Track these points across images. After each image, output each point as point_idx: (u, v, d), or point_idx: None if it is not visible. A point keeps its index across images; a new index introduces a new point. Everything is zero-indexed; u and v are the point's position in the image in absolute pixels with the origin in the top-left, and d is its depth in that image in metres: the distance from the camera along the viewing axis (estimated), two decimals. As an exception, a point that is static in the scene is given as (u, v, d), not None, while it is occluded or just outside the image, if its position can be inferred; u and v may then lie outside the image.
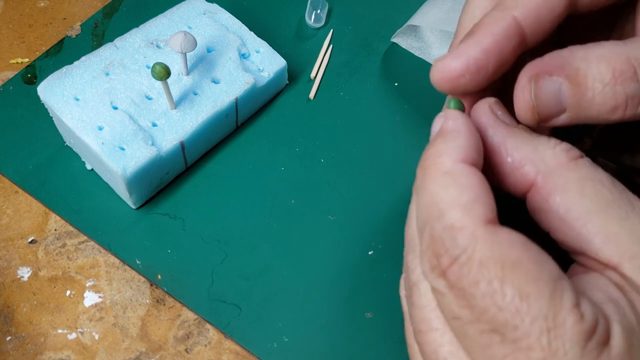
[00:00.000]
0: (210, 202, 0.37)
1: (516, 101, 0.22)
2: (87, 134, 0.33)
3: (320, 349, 0.32)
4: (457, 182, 0.19)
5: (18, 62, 0.43)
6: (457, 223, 0.18)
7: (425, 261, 0.19)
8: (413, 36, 0.45)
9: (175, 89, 0.36)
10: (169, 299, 0.34)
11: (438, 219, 0.19)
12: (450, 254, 0.18)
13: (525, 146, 0.21)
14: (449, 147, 0.20)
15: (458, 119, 0.21)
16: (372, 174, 0.39)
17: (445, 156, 0.20)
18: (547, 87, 0.21)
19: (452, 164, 0.20)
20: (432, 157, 0.20)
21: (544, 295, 0.17)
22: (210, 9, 0.40)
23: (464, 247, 0.18)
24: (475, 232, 0.18)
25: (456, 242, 0.18)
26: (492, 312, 0.17)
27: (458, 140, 0.20)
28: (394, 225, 0.36)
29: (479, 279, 0.18)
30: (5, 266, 0.35)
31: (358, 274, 0.35)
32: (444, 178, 0.19)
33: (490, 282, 0.17)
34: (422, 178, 0.20)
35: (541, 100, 0.22)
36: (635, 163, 0.44)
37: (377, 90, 0.43)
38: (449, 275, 0.18)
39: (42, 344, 0.32)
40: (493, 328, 0.17)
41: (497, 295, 0.17)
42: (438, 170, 0.20)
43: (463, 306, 0.18)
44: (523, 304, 0.17)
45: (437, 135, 0.21)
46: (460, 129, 0.21)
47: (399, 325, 0.33)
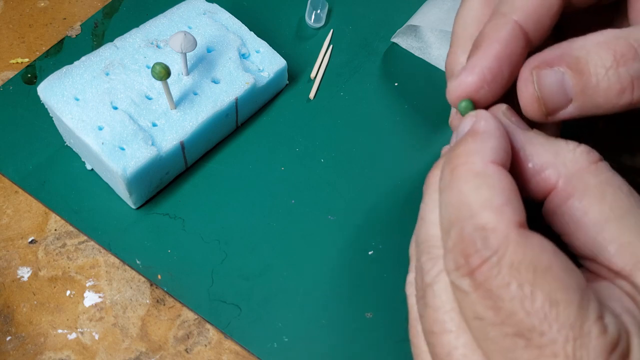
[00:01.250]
0: (210, 202, 0.37)
1: (521, 96, 0.22)
2: (87, 134, 0.33)
3: (320, 349, 0.32)
4: (489, 183, 0.19)
5: (18, 62, 0.43)
6: (489, 224, 0.18)
7: (450, 260, 0.19)
8: (413, 36, 0.45)
9: (175, 89, 0.36)
10: (169, 299, 0.34)
11: (469, 219, 0.19)
12: (481, 254, 0.18)
13: (545, 151, 0.21)
14: (481, 148, 0.20)
15: (490, 120, 0.21)
16: (372, 174, 0.39)
17: (477, 156, 0.20)
18: (550, 77, 0.21)
19: (483, 165, 0.20)
20: (462, 156, 0.20)
21: (573, 304, 0.17)
22: (210, 9, 0.40)
23: (495, 248, 0.18)
24: (508, 235, 0.18)
25: (488, 243, 0.18)
26: (520, 316, 0.17)
27: (490, 141, 0.20)
28: (394, 225, 0.36)
29: (509, 282, 0.17)
30: (5, 266, 0.35)
31: (358, 274, 0.35)
32: (476, 179, 0.19)
33: (520, 285, 0.17)
34: (451, 177, 0.20)
35: (545, 91, 0.22)
36: (635, 163, 0.44)
37: (377, 90, 0.43)
38: (477, 276, 0.18)
39: (42, 344, 0.32)
40: (518, 332, 0.17)
41: (526, 299, 0.17)
42: (469, 171, 0.20)
43: (488, 307, 0.18)
44: (552, 311, 0.17)
45: (467, 135, 0.21)
46: (493, 130, 0.21)
47: (399, 325, 0.33)
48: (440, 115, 0.41)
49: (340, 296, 0.34)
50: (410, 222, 0.36)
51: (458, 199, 0.19)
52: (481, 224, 0.18)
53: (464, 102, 0.23)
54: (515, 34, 0.22)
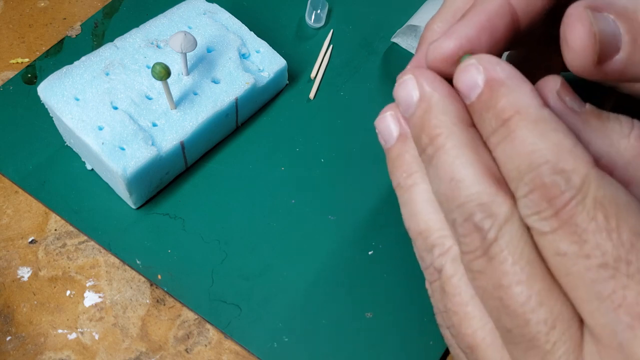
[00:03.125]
0: (210, 202, 0.37)
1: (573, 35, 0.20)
2: (87, 134, 0.33)
3: (320, 349, 0.32)
4: (554, 127, 0.19)
5: (18, 62, 0.43)
6: (567, 166, 0.18)
7: (528, 206, 0.19)
8: (413, 36, 0.45)
9: (175, 89, 0.36)
10: (169, 299, 0.34)
11: (545, 164, 0.19)
12: (566, 194, 0.18)
13: (599, 138, 0.21)
14: (523, 95, 0.19)
15: (503, 64, 0.20)
16: (372, 174, 0.39)
17: (527, 104, 0.19)
18: (602, 18, 0.20)
19: (538, 111, 0.19)
20: (509, 107, 0.19)
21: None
22: (210, 9, 0.40)
23: (579, 186, 0.18)
24: (588, 173, 0.18)
25: (571, 183, 0.18)
26: (606, 247, 0.17)
27: (525, 85, 0.20)
28: (394, 225, 0.36)
29: (595, 215, 0.18)
30: (5, 266, 0.35)
31: (358, 274, 0.35)
32: (538, 125, 0.19)
33: (606, 217, 0.18)
34: (508, 130, 0.19)
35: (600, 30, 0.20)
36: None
37: (377, 90, 0.43)
38: (562, 214, 0.18)
39: (42, 344, 0.32)
40: (604, 263, 0.18)
41: (613, 231, 0.17)
42: (526, 119, 0.19)
43: (573, 242, 0.18)
44: (637, 241, 0.17)
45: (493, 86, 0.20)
46: (515, 73, 0.20)
47: (399, 325, 0.33)
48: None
49: (340, 296, 0.34)
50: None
51: (525, 148, 0.19)
52: (560, 167, 0.18)
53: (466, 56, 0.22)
54: (501, 9, 0.22)
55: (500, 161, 0.20)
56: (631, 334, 0.17)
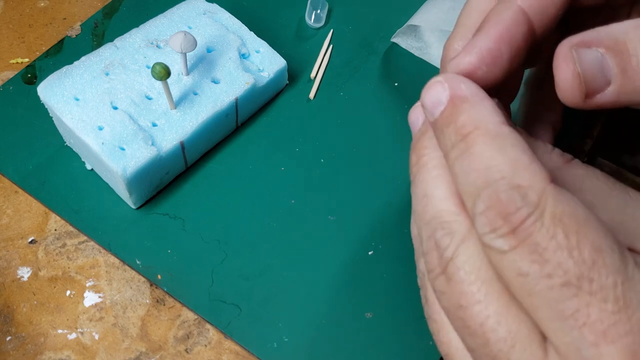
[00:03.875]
0: (210, 202, 0.37)
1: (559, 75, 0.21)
2: (87, 134, 0.33)
3: (320, 349, 0.32)
4: (511, 143, 0.19)
5: (18, 62, 0.43)
6: (524, 182, 0.18)
7: (484, 224, 0.19)
8: (413, 36, 0.45)
9: (175, 89, 0.36)
10: (169, 299, 0.34)
11: (501, 180, 0.19)
12: (522, 211, 0.18)
13: None
14: (484, 111, 0.20)
15: (467, 82, 0.20)
16: (372, 174, 0.39)
17: (486, 120, 0.20)
18: (590, 56, 0.20)
19: (497, 127, 0.19)
20: (469, 123, 0.20)
21: (615, 250, 0.17)
22: (210, 9, 0.40)
23: (536, 203, 0.18)
24: (545, 189, 0.18)
25: (527, 199, 0.18)
26: (568, 265, 0.17)
27: (486, 102, 0.20)
28: (394, 225, 0.36)
29: (555, 233, 0.18)
30: (5, 266, 0.35)
31: (358, 274, 0.35)
32: (496, 141, 0.19)
33: (566, 235, 0.17)
34: (466, 146, 0.20)
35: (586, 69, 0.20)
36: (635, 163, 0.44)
37: (377, 90, 0.43)
38: (520, 232, 0.18)
39: (42, 344, 0.32)
40: (566, 281, 0.17)
41: (573, 248, 0.17)
42: (485, 135, 0.19)
43: (534, 261, 0.18)
44: (599, 258, 0.17)
45: (457, 102, 0.20)
46: (478, 91, 0.20)
47: (399, 325, 0.33)
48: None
49: (340, 296, 0.34)
50: (410, 222, 0.36)
51: (481, 164, 0.19)
52: (516, 183, 0.18)
53: None
54: (517, 18, 0.22)
55: (457, 178, 0.20)
56: (596, 351, 0.17)
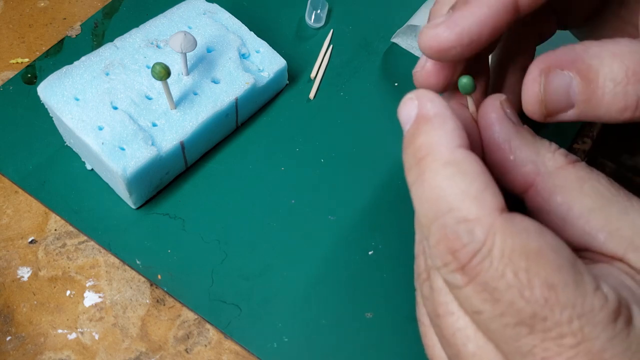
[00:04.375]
0: (210, 202, 0.37)
1: (525, 94, 0.22)
2: (87, 134, 0.33)
3: (320, 349, 0.32)
4: (461, 171, 0.18)
5: (18, 62, 0.43)
6: (471, 215, 0.18)
7: (436, 258, 0.18)
8: (413, 36, 0.45)
9: (175, 89, 0.36)
10: (169, 299, 0.34)
11: (448, 213, 0.18)
12: (469, 248, 0.17)
13: (528, 147, 0.22)
14: (441, 134, 0.19)
15: (435, 100, 0.20)
16: (372, 174, 0.39)
17: (440, 144, 0.19)
18: (558, 81, 0.21)
19: (450, 152, 0.19)
20: (425, 146, 0.19)
21: (569, 283, 0.17)
22: (210, 9, 0.40)
23: (482, 240, 0.17)
24: (493, 223, 0.17)
25: (474, 236, 0.17)
26: (519, 305, 0.17)
27: (447, 124, 0.19)
28: (394, 225, 0.36)
29: (503, 272, 0.17)
30: (5, 266, 0.35)
31: (358, 274, 0.35)
32: (446, 169, 0.18)
33: (516, 274, 0.17)
34: (419, 171, 0.19)
35: (550, 94, 0.21)
36: (635, 163, 0.44)
37: (377, 90, 0.43)
38: (468, 270, 0.18)
39: (42, 344, 0.32)
40: (520, 321, 0.17)
41: (524, 287, 0.17)
42: (436, 161, 0.19)
43: (485, 300, 0.17)
44: (551, 295, 0.17)
45: (419, 122, 0.20)
46: (444, 111, 0.20)
47: (399, 325, 0.33)
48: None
49: (340, 296, 0.34)
50: (410, 222, 0.36)
51: (431, 193, 0.19)
52: (463, 216, 0.18)
53: (465, 78, 0.23)
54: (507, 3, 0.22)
55: (413, 204, 0.20)
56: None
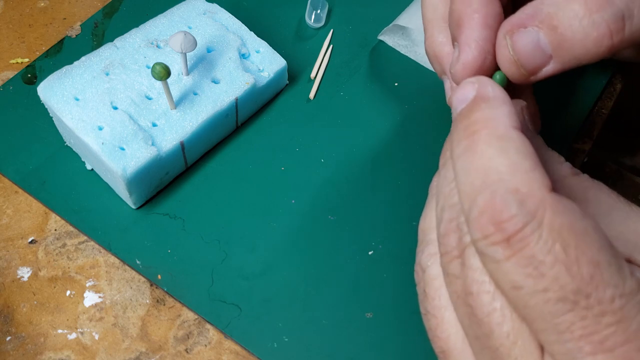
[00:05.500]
0: (210, 202, 0.37)
1: (499, 60, 0.23)
2: (87, 134, 0.33)
3: (320, 349, 0.32)
4: (515, 147, 0.18)
5: (18, 62, 0.43)
6: (523, 188, 0.18)
7: (477, 229, 0.18)
8: (400, 34, 0.45)
9: (175, 89, 0.36)
10: (169, 299, 0.34)
11: (500, 182, 0.18)
12: (518, 219, 0.17)
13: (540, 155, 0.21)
14: (499, 113, 0.20)
15: (496, 86, 0.21)
16: (372, 174, 0.39)
17: (497, 121, 0.19)
18: (524, 38, 0.22)
19: (507, 129, 0.19)
20: (482, 121, 0.20)
21: (612, 263, 0.17)
22: (210, 9, 0.40)
23: (533, 212, 0.17)
24: (544, 198, 0.17)
25: (525, 208, 0.17)
26: (565, 281, 0.17)
27: (506, 105, 0.20)
28: (394, 225, 0.36)
29: (552, 246, 0.17)
30: (5, 266, 0.35)
31: (358, 274, 0.35)
32: (501, 142, 0.19)
33: (565, 249, 0.17)
34: (472, 143, 0.19)
35: (521, 53, 0.22)
36: (635, 163, 0.44)
37: (377, 90, 0.43)
38: (515, 242, 0.17)
39: (42, 344, 0.32)
40: (562, 296, 0.17)
41: (572, 263, 0.17)
42: (491, 134, 0.19)
43: (528, 275, 0.17)
44: (597, 272, 0.17)
45: (478, 100, 0.20)
46: (503, 96, 0.20)
47: (399, 325, 0.33)
48: (440, 114, 0.41)
49: (340, 296, 0.34)
50: (410, 222, 0.36)
51: (482, 163, 0.19)
52: (514, 187, 0.18)
53: (498, 74, 0.23)
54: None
55: (458, 176, 0.20)
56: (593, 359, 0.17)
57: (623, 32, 0.20)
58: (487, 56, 0.23)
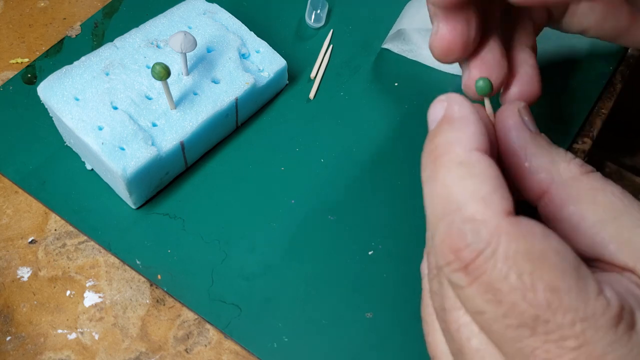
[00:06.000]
0: (210, 202, 0.37)
1: None
2: (87, 134, 0.33)
3: (320, 349, 0.32)
4: (474, 172, 0.19)
5: (18, 62, 0.43)
6: (478, 215, 0.18)
7: (439, 256, 0.19)
8: (402, 39, 0.44)
9: (175, 89, 0.36)
10: (169, 299, 0.34)
11: (456, 211, 0.18)
12: (473, 247, 0.18)
13: (543, 155, 0.22)
14: (461, 135, 0.19)
15: (464, 104, 0.20)
16: (372, 174, 0.39)
17: (458, 145, 0.19)
18: None
19: (466, 154, 0.19)
20: (443, 145, 0.20)
21: (572, 287, 0.17)
22: (210, 9, 0.40)
23: (488, 240, 0.17)
24: (499, 225, 0.17)
25: (479, 236, 0.17)
26: (522, 307, 0.17)
27: (469, 127, 0.20)
28: (394, 225, 0.36)
29: (507, 274, 0.17)
30: (5, 266, 0.35)
31: (358, 274, 0.35)
32: (460, 169, 0.19)
33: (520, 276, 0.17)
34: (434, 169, 0.19)
35: None
36: (635, 163, 0.44)
37: (377, 90, 0.43)
38: (472, 270, 0.18)
39: (42, 344, 0.32)
40: (522, 323, 0.17)
41: (527, 290, 0.17)
42: (452, 160, 0.19)
43: (488, 301, 0.18)
44: (554, 298, 0.17)
45: (443, 122, 0.20)
46: (469, 115, 0.20)
47: (399, 325, 0.33)
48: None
49: (340, 296, 0.34)
50: (410, 222, 0.36)
51: (443, 191, 0.19)
52: (470, 216, 0.18)
53: (482, 80, 0.23)
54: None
55: (424, 201, 0.20)
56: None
57: None
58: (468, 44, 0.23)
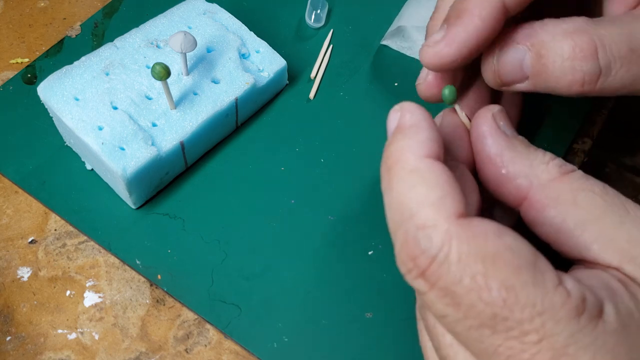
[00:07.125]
0: (210, 202, 0.37)
1: (482, 63, 0.24)
2: (87, 134, 0.33)
3: (320, 349, 0.32)
4: (424, 179, 0.19)
5: (18, 62, 0.43)
6: (428, 222, 0.18)
7: (400, 264, 0.19)
8: (401, 36, 0.45)
9: (175, 89, 0.36)
10: (169, 299, 0.34)
11: (410, 219, 0.19)
12: (427, 254, 0.18)
13: (521, 160, 0.22)
14: (411, 143, 0.20)
15: (415, 111, 0.21)
16: (372, 174, 0.39)
17: (409, 153, 0.20)
18: (512, 55, 0.23)
19: (416, 161, 0.20)
20: (394, 154, 0.20)
21: (528, 282, 0.17)
22: (210, 9, 0.40)
23: (439, 245, 0.18)
24: (449, 229, 0.18)
25: (432, 241, 0.18)
26: (479, 308, 0.17)
27: (419, 134, 0.20)
28: (394, 225, 0.36)
29: (461, 276, 0.17)
30: (5, 266, 0.35)
31: (358, 274, 0.35)
32: (410, 176, 0.19)
33: (473, 278, 0.17)
34: (389, 178, 0.20)
35: (503, 66, 0.23)
36: (635, 163, 0.44)
37: (377, 90, 0.43)
38: (429, 276, 0.18)
39: (42, 344, 0.32)
40: (482, 323, 0.17)
41: (482, 290, 0.17)
42: (403, 169, 0.20)
43: (448, 304, 0.18)
44: (510, 295, 0.17)
45: (396, 131, 0.21)
46: (420, 122, 0.21)
47: (399, 325, 0.33)
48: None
49: (340, 296, 0.34)
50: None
51: (397, 200, 0.19)
52: (422, 223, 0.18)
53: (447, 88, 0.24)
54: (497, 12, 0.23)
55: (385, 211, 0.20)
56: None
57: (594, 85, 0.22)
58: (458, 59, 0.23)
